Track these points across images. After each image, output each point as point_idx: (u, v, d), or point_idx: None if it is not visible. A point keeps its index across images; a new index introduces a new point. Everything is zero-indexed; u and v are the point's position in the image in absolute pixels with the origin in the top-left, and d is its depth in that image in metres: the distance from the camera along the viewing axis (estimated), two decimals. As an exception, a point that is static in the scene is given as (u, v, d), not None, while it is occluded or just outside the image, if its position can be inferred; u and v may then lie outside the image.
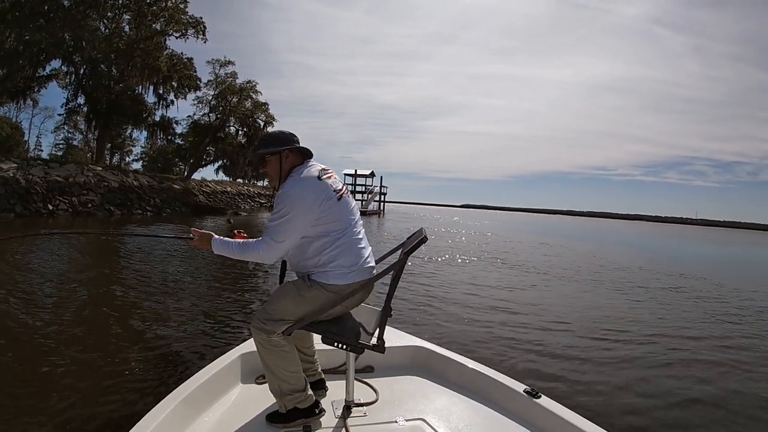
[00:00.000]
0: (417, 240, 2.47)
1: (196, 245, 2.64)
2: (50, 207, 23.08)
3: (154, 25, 37.09)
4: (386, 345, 2.46)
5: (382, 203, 67.75)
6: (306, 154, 2.68)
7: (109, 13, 34.93)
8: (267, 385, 2.95)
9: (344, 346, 2.45)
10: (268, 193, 55.72)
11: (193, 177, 44.73)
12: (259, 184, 59.03)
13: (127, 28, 36.67)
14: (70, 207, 24.14)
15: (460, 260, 15.78)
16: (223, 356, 3.13)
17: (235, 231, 2.88)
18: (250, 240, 2.55)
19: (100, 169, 29.78)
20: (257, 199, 51.15)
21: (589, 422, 2.45)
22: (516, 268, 14.62)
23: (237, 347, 3.30)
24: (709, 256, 28.99)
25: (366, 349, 2.45)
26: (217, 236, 2.63)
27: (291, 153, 2.64)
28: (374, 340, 2.48)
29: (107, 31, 35.31)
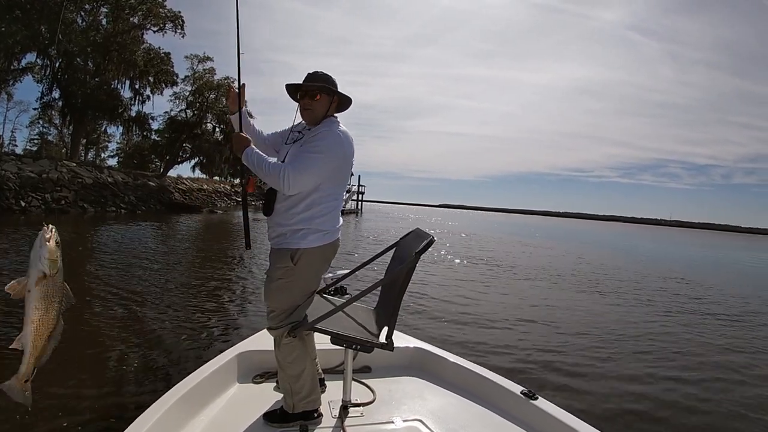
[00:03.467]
0: (426, 241, 2.47)
1: (234, 143, 2.49)
2: (23, 203, 22.85)
3: (131, 19, 36.66)
4: None
5: (359, 202, 67.68)
6: (343, 107, 2.68)
7: (86, 6, 34.52)
8: (264, 384, 3.04)
9: (355, 346, 2.46)
10: (245, 191, 55.15)
11: (168, 174, 44.38)
12: (236, 181, 58.48)
13: (104, 22, 36.24)
14: (43, 203, 23.92)
15: (449, 261, 16.11)
16: (220, 355, 3.10)
17: None
18: (277, 168, 2.39)
19: (75, 165, 29.50)
20: (234, 198, 50.82)
21: (586, 424, 2.47)
22: (506, 269, 15.00)
23: (234, 346, 3.29)
24: (689, 258, 29.60)
25: (375, 348, 2.45)
26: (254, 146, 2.47)
27: (339, 100, 2.62)
28: (382, 339, 2.50)
29: (84, 24, 34.87)
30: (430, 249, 2.47)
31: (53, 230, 1.65)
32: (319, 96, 2.52)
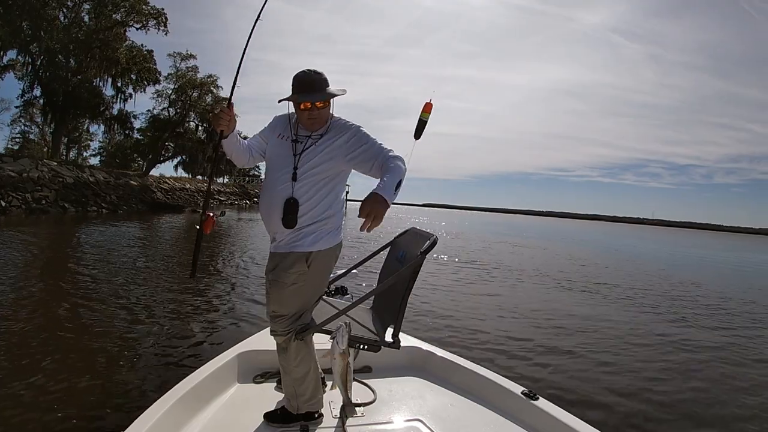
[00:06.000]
0: (430, 241, 2.48)
1: (381, 206, 2.15)
2: (3, 203, 22.49)
3: (114, 16, 36.31)
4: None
5: (345, 201, 67.39)
6: None
7: (69, 2, 34.15)
8: (264, 384, 3.03)
9: (363, 346, 2.48)
10: (228, 190, 54.88)
11: (151, 173, 43.96)
12: (219, 180, 58.16)
13: (86, 18, 35.84)
14: (23, 203, 23.59)
15: (443, 261, 16.00)
16: (220, 355, 3.10)
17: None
18: (397, 163, 2.36)
19: (55, 164, 29.15)
20: (217, 197, 50.46)
21: (586, 424, 2.47)
22: (500, 269, 15.03)
23: (235, 346, 3.28)
24: (684, 259, 29.46)
25: (383, 347, 2.48)
26: (382, 188, 2.19)
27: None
28: (388, 338, 2.52)
29: (66, 20, 34.47)
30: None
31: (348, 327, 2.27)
32: (324, 104, 2.44)
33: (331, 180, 2.48)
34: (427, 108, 2.56)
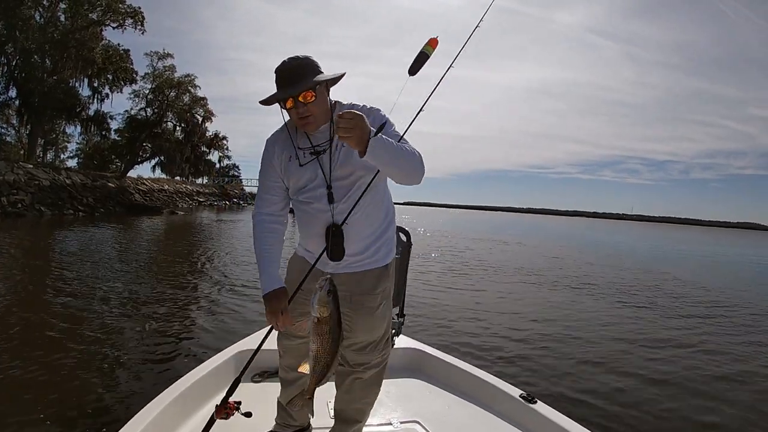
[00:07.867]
0: (406, 234, 2.80)
1: (353, 133, 1.56)
2: (-22, 207, 22.10)
3: (90, 15, 35.92)
4: None
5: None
6: (334, 83, 2.02)
7: (44, 2, 33.73)
8: (264, 383, 2.97)
9: (394, 332, 2.65)
10: (207, 191, 54.40)
11: (129, 174, 43.55)
12: (198, 181, 57.66)
13: (62, 18, 35.44)
14: (-2, 207, 23.18)
15: (434, 261, 16.10)
16: (218, 354, 3.04)
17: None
18: (411, 147, 1.86)
19: (31, 166, 28.71)
20: (196, 198, 50.11)
21: (585, 429, 2.43)
22: (496, 270, 14.93)
23: (235, 344, 3.23)
24: (678, 257, 29.05)
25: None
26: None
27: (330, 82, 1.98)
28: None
29: (42, 20, 34.04)
30: (415, 253, 2.72)
31: (327, 281, 1.71)
32: (313, 95, 1.85)
33: (372, 186, 1.98)
34: (433, 43, 2.07)
